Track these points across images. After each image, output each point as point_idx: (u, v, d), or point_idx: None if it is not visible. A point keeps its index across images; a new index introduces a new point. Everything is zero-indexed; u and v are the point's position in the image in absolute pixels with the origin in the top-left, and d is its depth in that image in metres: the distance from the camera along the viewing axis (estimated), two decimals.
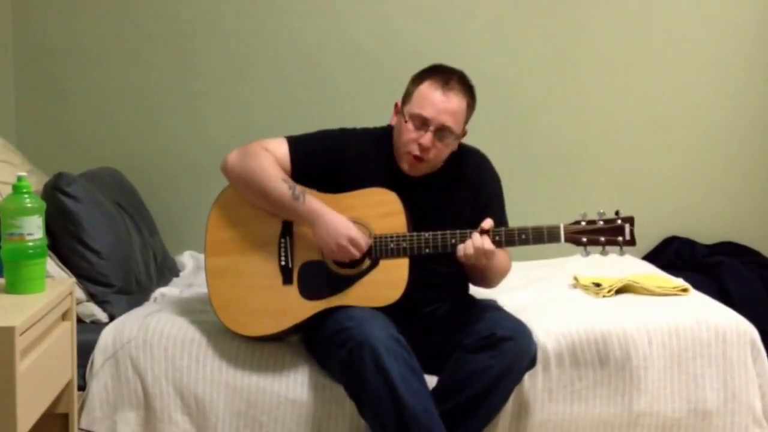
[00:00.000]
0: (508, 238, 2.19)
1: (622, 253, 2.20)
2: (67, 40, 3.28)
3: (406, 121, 2.26)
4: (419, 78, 2.30)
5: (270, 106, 3.33)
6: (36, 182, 2.46)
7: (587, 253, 2.20)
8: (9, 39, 3.25)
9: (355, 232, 2.20)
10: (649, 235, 3.44)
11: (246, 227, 2.33)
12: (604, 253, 2.19)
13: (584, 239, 2.18)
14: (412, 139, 2.25)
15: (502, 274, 2.41)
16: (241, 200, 2.34)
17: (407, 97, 2.30)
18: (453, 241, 2.20)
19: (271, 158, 2.30)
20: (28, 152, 2.84)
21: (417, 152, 2.25)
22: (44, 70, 3.29)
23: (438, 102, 2.24)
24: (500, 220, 2.36)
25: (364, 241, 2.21)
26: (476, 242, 2.16)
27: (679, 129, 3.48)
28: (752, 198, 3.53)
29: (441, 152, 2.29)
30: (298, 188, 2.25)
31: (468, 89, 2.30)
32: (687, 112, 3.47)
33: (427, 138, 2.24)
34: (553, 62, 3.40)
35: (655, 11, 3.41)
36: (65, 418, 2.09)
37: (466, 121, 2.33)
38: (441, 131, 2.25)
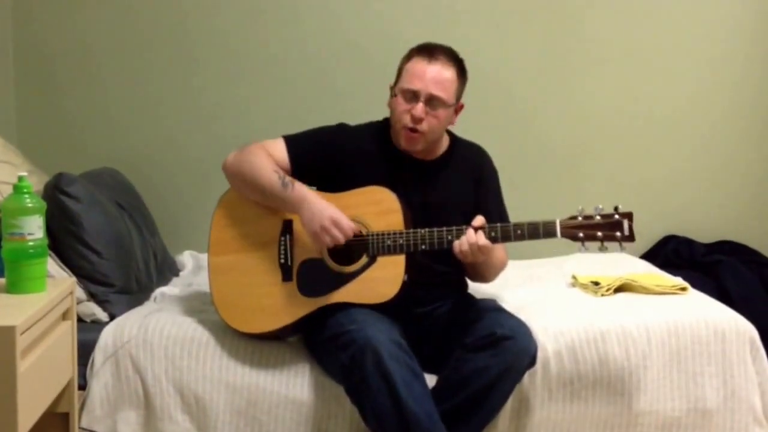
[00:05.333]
0: (504, 233, 2.18)
1: (621, 249, 2.18)
2: (68, 41, 3.29)
3: (395, 96, 2.31)
4: (407, 57, 2.35)
5: (269, 105, 3.34)
6: (36, 182, 2.46)
7: (585, 248, 2.18)
8: (9, 39, 3.26)
9: (338, 213, 2.21)
10: (647, 234, 3.44)
11: (248, 226, 2.35)
12: (603, 249, 2.17)
13: (581, 234, 2.16)
14: (404, 111, 2.28)
15: (499, 268, 2.42)
16: (243, 200, 2.36)
17: (398, 76, 2.35)
18: (449, 237, 2.20)
19: (265, 153, 2.32)
20: (28, 152, 2.84)
21: (410, 124, 2.28)
22: (45, 70, 3.30)
23: (424, 73, 2.28)
24: (499, 213, 2.39)
25: (347, 224, 2.20)
26: (470, 238, 2.15)
27: (677, 127, 3.48)
28: (751, 196, 3.54)
29: (435, 125, 2.30)
30: (288, 177, 2.28)
31: (455, 59, 2.33)
32: (685, 110, 3.47)
33: (418, 108, 2.27)
34: (551, 60, 3.41)
35: (651, 9, 3.42)
36: (66, 417, 2.09)
37: (458, 93, 2.35)
38: (431, 101, 2.27)
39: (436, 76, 2.28)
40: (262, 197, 2.32)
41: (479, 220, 2.19)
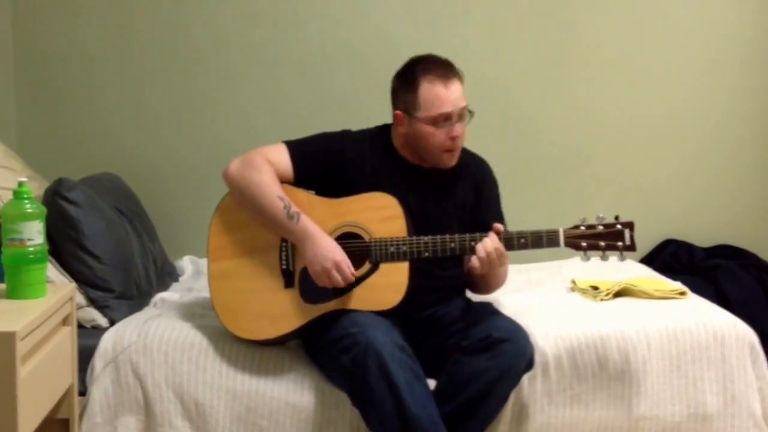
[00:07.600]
0: (507, 242, 2.19)
1: (622, 259, 2.21)
2: (68, 46, 3.29)
3: (433, 125, 2.27)
4: (408, 81, 2.31)
5: (269, 112, 3.34)
6: (37, 188, 2.46)
7: (587, 258, 2.20)
8: (9, 45, 3.26)
9: (341, 256, 2.20)
10: (646, 238, 3.43)
11: (248, 231, 2.34)
12: (604, 258, 2.20)
13: (584, 244, 2.19)
14: (445, 137, 2.29)
15: (503, 280, 2.43)
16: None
17: (410, 104, 2.30)
18: (452, 245, 2.21)
19: (271, 172, 2.30)
20: (28, 158, 2.84)
21: (452, 144, 2.30)
22: (45, 75, 3.30)
23: (448, 95, 2.27)
24: (500, 223, 2.37)
25: (348, 269, 2.20)
26: (495, 242, 2.17)
27: (675, 131, 3.48)
28: (749, 200, 3.54)
29: (465, 133, 2.34)
30: (294, 208, 2.25)
31: (453, 65, 2.33)
32: (683, 114, 3.48)
33: (458, 128, 2.29)
34: (549, 66, 3.41)
35: (649, 14, 3.42)
36: (66, 423, 2.09)
37: None
38: (461, 115, 2.30)
39: (458, 93, 2.29)
40: (262, 219, 2.30)
41: (499, 225, 2.21)
